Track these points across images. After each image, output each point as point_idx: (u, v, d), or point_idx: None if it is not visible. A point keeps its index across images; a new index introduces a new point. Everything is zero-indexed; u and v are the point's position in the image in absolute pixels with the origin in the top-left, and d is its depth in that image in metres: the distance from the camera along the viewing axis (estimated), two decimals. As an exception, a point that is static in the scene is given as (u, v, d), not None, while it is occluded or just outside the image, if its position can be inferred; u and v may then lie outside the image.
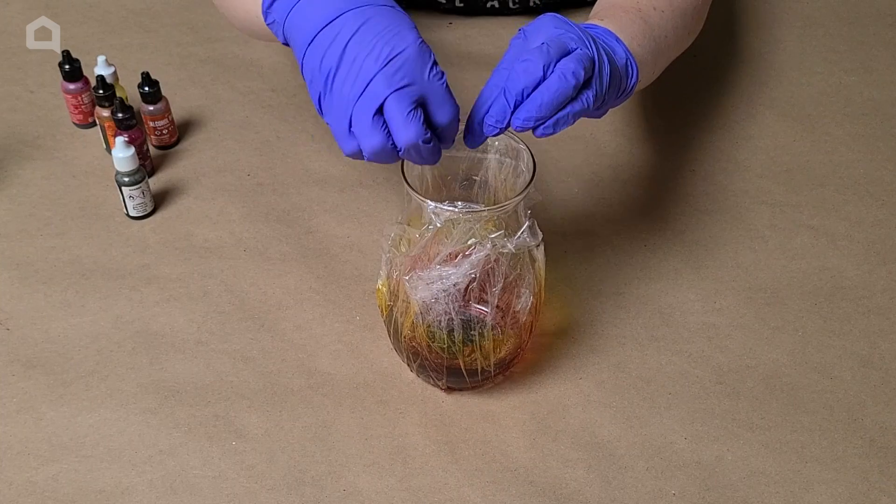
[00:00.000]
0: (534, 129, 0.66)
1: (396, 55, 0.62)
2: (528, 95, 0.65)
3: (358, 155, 0.65)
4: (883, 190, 0.94)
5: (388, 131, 0.63)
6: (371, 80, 0.62)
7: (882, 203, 0.93)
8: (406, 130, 0.62)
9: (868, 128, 1.01)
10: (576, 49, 0.66)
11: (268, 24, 0.70)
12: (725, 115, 1.02)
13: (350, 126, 0.63)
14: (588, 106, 0.67)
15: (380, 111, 0.62)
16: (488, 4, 1.12)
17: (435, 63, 0.63)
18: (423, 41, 0.63)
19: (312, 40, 0.64)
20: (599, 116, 0.71)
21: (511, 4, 1.12)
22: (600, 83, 0.68)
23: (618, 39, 0.73)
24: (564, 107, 0.66)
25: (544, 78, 0.65)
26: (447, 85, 0.64)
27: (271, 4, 0.68)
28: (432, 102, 0.63)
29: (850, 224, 0.91)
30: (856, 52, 1.11)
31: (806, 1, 1.19)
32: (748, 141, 0.98)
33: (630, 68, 0.73)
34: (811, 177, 0.96)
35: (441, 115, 0.64)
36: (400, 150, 0.64)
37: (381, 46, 0.62)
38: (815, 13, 1.17)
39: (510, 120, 0.65)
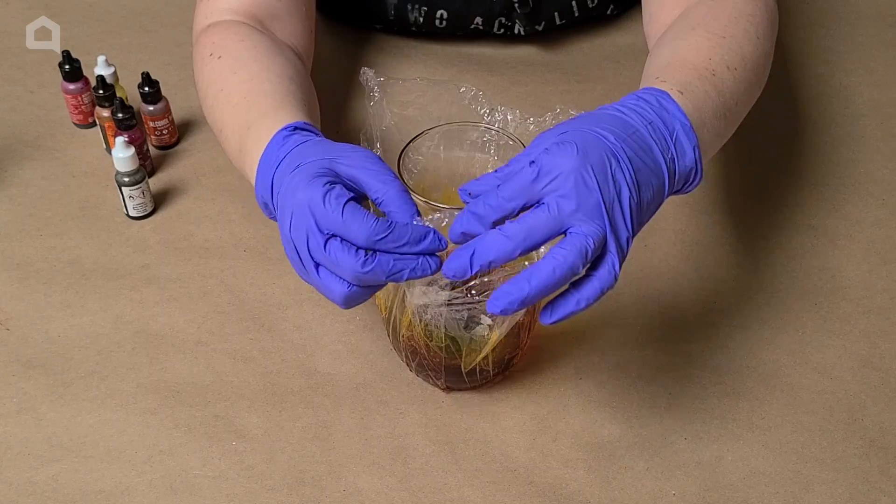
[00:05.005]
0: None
1: (291, 218, 0.62)
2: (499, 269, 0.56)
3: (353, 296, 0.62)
4: (883, 190, 0.94)
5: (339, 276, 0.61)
6: (296, 249, 0.62)
7: (882, 203, 0.93)
8: (339, 267, 0.60)
9: (868, 128, 1.01)
10: (588, 228, 0.55)
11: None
12: (725, 115, 1.02)
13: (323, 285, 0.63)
14: (603, 288, 0.57)
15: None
16: (498, 31, 1.07)
17: (326, 196, 0.60)
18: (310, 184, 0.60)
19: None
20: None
21: (496, 30, 1.07)
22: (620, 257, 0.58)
23: (690, 131, 0.63)
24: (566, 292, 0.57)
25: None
26: (347, 206, 0.59)
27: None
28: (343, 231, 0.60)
29: (850, 224, 0.91)
30: (856, 52, 1.11)
31: (806, 1, 1.19)
32: (748, 141, 0.98)
33: (695, 176, 0.65)
34: (811, 177, 0.96)
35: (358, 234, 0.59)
36: (350, 286, 0.60)
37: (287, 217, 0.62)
38: (815, 13, 1.17)
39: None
